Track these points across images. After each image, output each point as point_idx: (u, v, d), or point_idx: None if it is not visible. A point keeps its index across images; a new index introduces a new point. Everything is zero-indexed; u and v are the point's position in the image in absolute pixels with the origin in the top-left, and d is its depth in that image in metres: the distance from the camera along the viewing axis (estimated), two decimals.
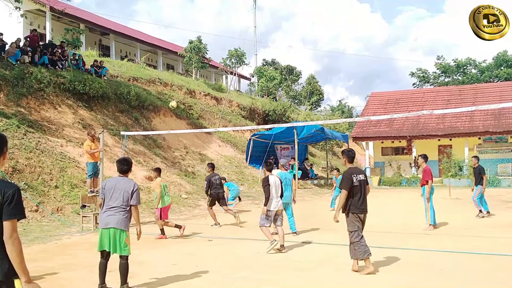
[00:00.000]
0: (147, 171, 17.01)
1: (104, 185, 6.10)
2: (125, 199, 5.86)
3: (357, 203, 6.60)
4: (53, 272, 6.88)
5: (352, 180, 6.58)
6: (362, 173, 6.83)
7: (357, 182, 6.60)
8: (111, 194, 5.90)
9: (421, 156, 10.83)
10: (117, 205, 5.85)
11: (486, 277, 6.36)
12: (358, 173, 6.74)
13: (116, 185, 5.94)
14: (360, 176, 6.69)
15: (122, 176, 6.08)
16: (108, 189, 5.95)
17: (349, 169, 6.76)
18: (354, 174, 6.65)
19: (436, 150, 30.17)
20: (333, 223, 6.84)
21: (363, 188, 6.67)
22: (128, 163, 6.16)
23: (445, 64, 52.74)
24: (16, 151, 13.09)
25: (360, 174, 6.74)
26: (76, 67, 20.23)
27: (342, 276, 6.51)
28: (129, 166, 6.16)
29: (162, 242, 9.55)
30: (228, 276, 6.65)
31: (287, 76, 51.29)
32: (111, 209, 5.87)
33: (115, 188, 5.91)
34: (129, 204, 5.89)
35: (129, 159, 6.34)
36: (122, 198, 5.85)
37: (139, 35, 38.10)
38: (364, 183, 6.71)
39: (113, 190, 5.91)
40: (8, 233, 2.86)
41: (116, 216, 5.82)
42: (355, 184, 6.59)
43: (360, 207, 6.64)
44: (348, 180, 6.58)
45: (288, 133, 22.95)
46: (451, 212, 14.27)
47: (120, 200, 5.85)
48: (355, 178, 6.61)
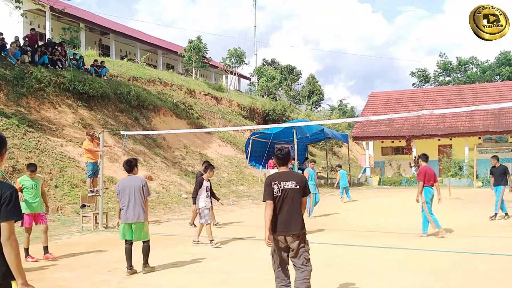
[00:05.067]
0: (147, 171, 17.02)
1: (118, 186, 6.97)
2: (137, 194, 6.77)
3: (277, 220, 4.83)
4: (53, 272, 6.87)
5: (273, 189, 4.85)
6: (294, 179, 4.93)
7: (279, 191, 4.85)
8: (125, 193, 6.80)
9: (419, 156, 10.09)
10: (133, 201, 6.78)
11: (486, 277, 6.36)
12: (284, 179, 4.90)
13: (127, 184, 6.84)
14: (288, 184, 4.87)
15: (131, 175, 6.98)
16: (122, 189, 6.83)
17: (273, 174, 5.04)
18: (277, 181, 4.88)
19: (436, 150, 30.16)
20: (333, 223, 6.83)
21: (288, 200, 4.85)
22: (130, 163, 7.03)
23: (447, 62, 52.70)
24: (16, 151, 13.08)
25: (288, 180, 4.89)
26: (76, 67, 20.24)
27: (344, 277, 6.51)
28: (131, 166, 6.99)
29: (162, 242, 9.54)
30: (228, 276, 6.65)
31: (287, 76, 51.26)
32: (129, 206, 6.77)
33: (128, 187, 6.80)
34: (143, 198, 6.81)
35: (132, 159, 7.21)
36: (134, 194, 6.75)
37: (139, 34, 38.09)
38: (292, 192, 4.87)
39: (127, 189, 6.79)
40: (6, 235, 2.81)
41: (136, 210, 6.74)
42: (276, 194, 4.84)
43: (279, 225, 4.82)
44: (267, 188, 4.89)
45: (287, 132, 22.95)
46: (452, 212, 14.28)
47: (135, 196, 6.76)
48: (277, 186, 4.86)
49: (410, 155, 29.42)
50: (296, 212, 4.87)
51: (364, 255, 8.03)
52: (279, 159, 5.09)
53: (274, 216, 4.84)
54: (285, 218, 4.82)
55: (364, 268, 7.00)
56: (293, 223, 4.83)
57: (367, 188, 26.53)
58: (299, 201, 4.93)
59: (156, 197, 15.48)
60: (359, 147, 41.83)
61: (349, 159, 31.06)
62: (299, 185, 4.91)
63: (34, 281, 5.92)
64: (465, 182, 25.81)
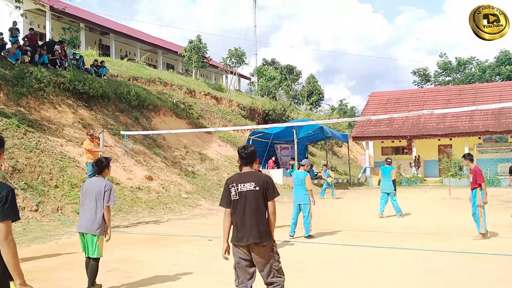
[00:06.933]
0: (147, 171, 17.02)
1: (82, 188, 5.98)
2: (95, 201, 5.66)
3: (235, 227, 4.28)
4: (53, 272, 6.87)
5: (230, 193, 4.28)
6: (254, 180, 4.26)
7: (237, 194, 4.25)
8: (84, 197, 5.78)
9: (465, 157, 9.37)
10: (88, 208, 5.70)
11: (486, 277, 6.35)
12: (242, 181, 4.26)
13: (88, 186, 5.81)
14: (246, 186, 4.23)
15: (98, 177, 5.91)
16: (83, 192, 5.82)
17: (232, 176, 4.46)
18: (234, 184, 4.28)
19: (436, 149, 30.20)
20: (333, 223, 6.82)
21: (248, 203, 4.19)
22: (100, 163, 5.94)
23: (447, 62, 52.74)
24: (16, 151, 13.08)
25: (247, 182, 4.24)
26: (76, 67, 20.23)
27: (343, 277, 6.51)
28: (101, 167, 5.90)
29: (162, 242, 9.54)
30: (229, 276, 6.64)
31: (287, 76, 51.23)
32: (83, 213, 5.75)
33: (88, 190, 5.76)
34: (101, 206, 5.64)
35: (103, 158, 6.09)
36: (91, 199, 5.67)
37: (139, 34, 38.09)
38: (252, 195, 4.21)
39: (86, 192, 5.77)
40: (3, 235, 2.78)
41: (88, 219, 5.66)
42: (234, 198, 4.26)
43: (239, 233, 4.23)
44: (224, 192, 4.36)
45: (287, 132, 22.95)
46: (452, 212, 14.29)
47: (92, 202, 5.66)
48: (234, 189, 4.26)
49: (410, 155, 29.44)
50: (258, 219, 4.17)
51: (364, 255, 8.03)
52: (243, 158, 4.37)
53: (234, 223, 4.26)
54: (245, 225, 4.17)
55: (364, 268, 7.00)
56: (254, 231, 4.14)
57: (367, 188, 26.53)
58: (262, 205, 4.21)
59: (156, 197, 15.48)
60: (359, 147, 41.83)
61: (349, 159, 31.06)
62: (259, 186, 4.20)
63: (34, 281, 5.94)
64: (465, 182, 25.75)
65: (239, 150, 4.42)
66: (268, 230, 4.25)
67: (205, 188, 18.67)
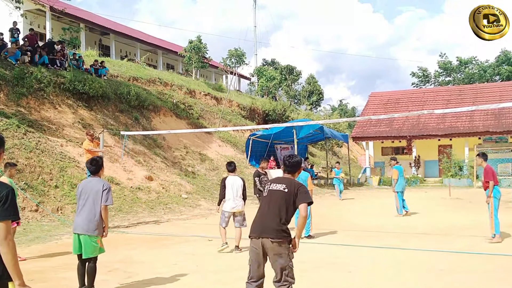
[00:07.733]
0: (147, 171, 17.02)
1: (77, 188, 5.87)
2: (93, 201, 5.58)
3: (255, 219, 4.54)
4: (53, 272, 6.87)
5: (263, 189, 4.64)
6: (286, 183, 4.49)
7: (267, 192, 4.55)
8: (81, 197, 5.69)
9: (479, 155, 9.14)
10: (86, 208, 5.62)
11: (486, 277, 6.35)
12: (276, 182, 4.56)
13: (85, 186, 5.71)
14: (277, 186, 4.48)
15: (94, 177, 5.82)
16: (80, 192, 5.71)
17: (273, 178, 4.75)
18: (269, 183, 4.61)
19: (436, 150, 30.20)
20: (333, 223, 6.82)
21: (272, 201, 4.42)
22: (96, 162, 5.82)
23: (447, 62, 52.74)
24: (16, 151, 13.08)
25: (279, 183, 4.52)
26: (76, 67, 20.23)
27: (343, 277, 6.51)
28: (97, 166, 5.79)
29: (162, 242, 9.54)
30: (228, 276, 6.64)
31: (287, 76, 51.23)
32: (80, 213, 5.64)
33: (86, 190, 5.66)
34: (99, 205, 5.57)
35: (98, 158, 6.01)
36: (89, 200, 5.59)
37: (139, 35, 38.08)
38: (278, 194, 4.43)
39: (84, 192, 5.67)
40: (3, 235, 2.76)
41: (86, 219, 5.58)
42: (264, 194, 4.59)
43: (254, 225, 4.48)
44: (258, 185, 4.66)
45: (287, 132, 22.94)
46: (452, 212, 14.30)
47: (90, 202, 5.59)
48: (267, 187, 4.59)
49: (410, 155, 29.43)
50: (277, 217, 4.34)
51: (363, 255, 8.03)
52: (286, 166, 4.62)
53: (256, 216, 4.52)
54: (263, 220, 4.40)
55: (364, 268, 7.00)
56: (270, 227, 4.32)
57: (367, 188, 26.53)
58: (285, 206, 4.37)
59: (156, 197, 15.48)
60: (359, 147, 41.84)
61: (349, 159, 31.06)
62: (288, 189, 4.39)
63: (34, 281, 5.94)
64: (465, 182, 25.82)
65: (285, 157, 4.62)
66: (286, 229, 4.34)
67: (205, 188, 18.67)
